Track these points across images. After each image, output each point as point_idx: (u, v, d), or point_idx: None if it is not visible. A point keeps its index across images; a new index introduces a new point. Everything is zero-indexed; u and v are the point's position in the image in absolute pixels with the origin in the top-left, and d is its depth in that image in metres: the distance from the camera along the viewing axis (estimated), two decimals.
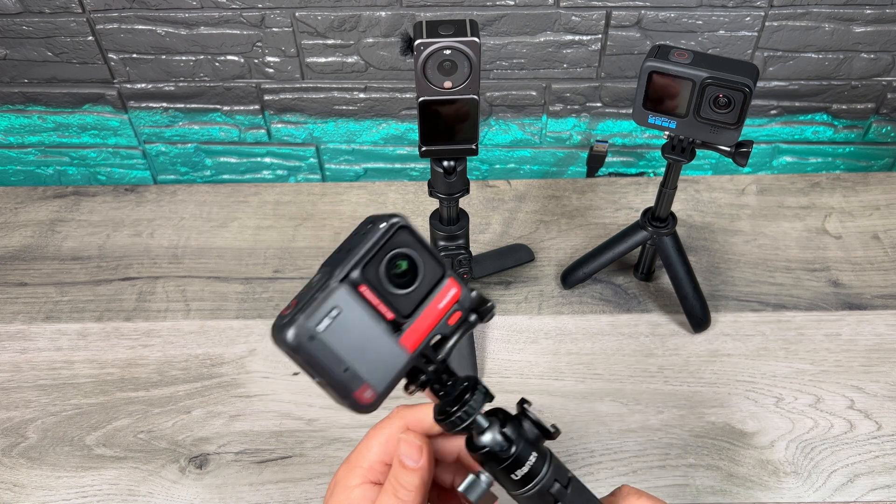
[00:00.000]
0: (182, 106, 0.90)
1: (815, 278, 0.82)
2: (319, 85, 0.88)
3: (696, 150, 0.67)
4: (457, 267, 0.71)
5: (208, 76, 0.87)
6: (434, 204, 0.71)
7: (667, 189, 0.71)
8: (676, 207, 0.86)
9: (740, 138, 0.63)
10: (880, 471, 0.65)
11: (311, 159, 0.96)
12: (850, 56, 0.84)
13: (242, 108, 0.91)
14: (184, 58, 0.86)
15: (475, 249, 0.83)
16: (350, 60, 0.85)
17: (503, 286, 0.82)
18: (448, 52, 0.56)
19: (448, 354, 0.39)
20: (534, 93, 0.88)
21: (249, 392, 0.73)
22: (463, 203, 0.69)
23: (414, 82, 0.58)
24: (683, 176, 0.92)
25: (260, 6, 0.81)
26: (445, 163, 0.64)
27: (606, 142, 0.93)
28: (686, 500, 0.64)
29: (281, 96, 0.89)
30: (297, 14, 0.82)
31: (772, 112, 0.90)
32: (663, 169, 0.88)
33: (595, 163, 0.96)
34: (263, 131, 0.93)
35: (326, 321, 0.35)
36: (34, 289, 0.83)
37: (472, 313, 0.39)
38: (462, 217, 0.70)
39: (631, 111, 0.80)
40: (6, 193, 0.96)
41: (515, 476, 0.40)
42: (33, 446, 0.69)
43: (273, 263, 0.85)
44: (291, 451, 0.68)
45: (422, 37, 0.56)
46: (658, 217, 0.74)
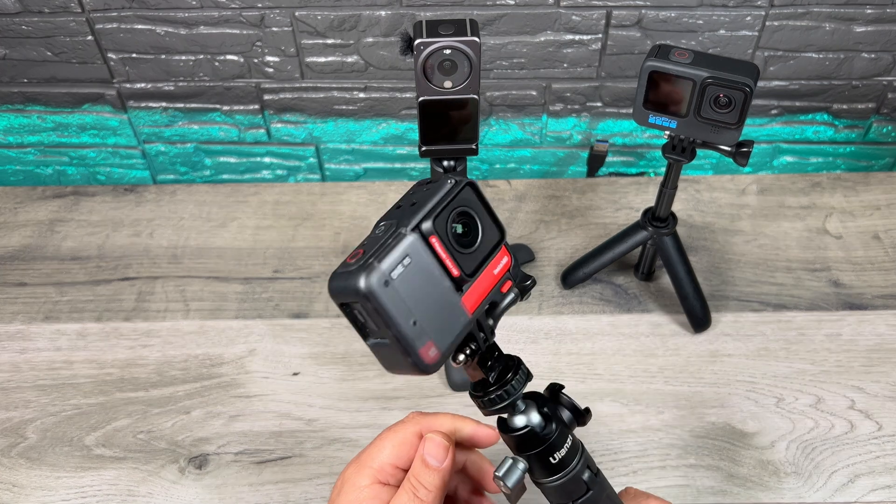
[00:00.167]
0: (181, 106, 0.90)
1: (816, 278, 0.82)
2: (319, 85, 0.88)
3: (697, 150, 0.67)
4: None
5: (208, 76, 0.87)
6: None
7: (667, 189, 0.71)
8: (677, 207, 0.86)
9: (741, 138, 0.63)
10: (881, 471, 0.65)
11: (311, 159, 0.96)
12: (851, 56, 0.84)
13: (242, 108, 0.91)
14: (183, 57, 0.85)
15: None
16: (350, 60, 0.85)
17: None
18: (448, 52, 0.56)
19: (495, 324, 0.38)
20: (534, 92, 0.88)
21: (249, 392, 0.73)
22: None
23: (414, 82, 0.58)
24: (684, 176, 0.92)
25: (259, 6, 0.81)
26: (445, 163, 0.64)
27: (607, 141, 0.93)
28: (687, 501, 0.64)
29: (280, 96, 0.89)
30: (297, 13, 0.81)
31: (772, 112, 0.90)
32: (664, 169, 0.88)
33: (595, 162, 0.96)
34: (263, 131, 0.93)
35: (399, 268, 0.33)
36: (33, 289, 0.83)
37: (515, 287, 0.39)
38: None
39: (631, 111, 0.80)
40: (5, 193, 0.96)
41: (553, 459, 0.39)
42: (33, 446, 0.69)
43: (273, 263, 0.85)
44: (291, 452, 0.68)
45: (422, 36, 0.56)
46: (658, 217, 0.74)
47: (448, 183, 0.36)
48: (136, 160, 0.96)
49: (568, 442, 0.40)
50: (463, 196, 0.36)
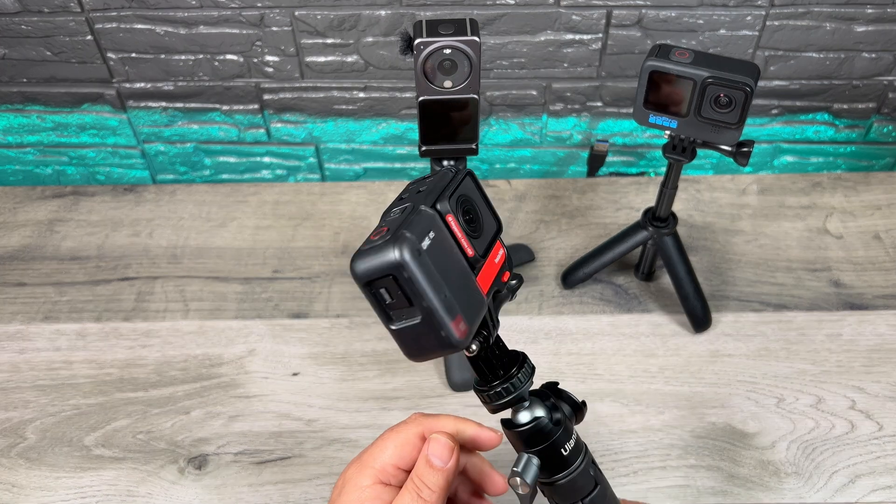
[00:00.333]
0: (181, 105, 0.90)
1: (817, 278, 0.81)
2: (319, 84, 0.88)
3: (697, 150, 0.67)
4: None
5: (207, 75, 0.87)
6: None
7: (667, 189, 0.71)
8: (677, 207, 0.85)
9: (741, 138, 0.63)
10: (881, 471, 0.65)
11: (311, 159, 0.96)
12: (852, 55, 0.84)
13: (242, 108, 0.90)
14: (183, 57, 0.85)
15: None
16: (350, 60, 0.85)
17: None
18: (448, 52, 0.56)
19: (496, 314, 0.38)
20: (534, 92, 0.88)
21: (248, 392, 0.73)
22: None
23: (414, 82, 0.58)
24: (684, 176, 0.92)
25: (259, 5, 0.81)
26: (445, 162, 0.64)
27: (607, 141, 0.93)
28: (687, 501, 0.64)
29: (280, 96, 0.89)
30: (297, 13, 0.81)
31: (773, 112, 0.90)
32: (664, 168, 0.88)
33: (596, 162, 0.96)
34: (263, 131, 0.93)
35: (427, 241, 0.33)
36: (33, 289, 0.83)
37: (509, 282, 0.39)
38: None
39: (631, 111, 0.80)
40: (5, 193, 0.95)
41: (564, 451, 0.38)
42: (32, 447, 0.69)
43: (272, 263, 0.85)
44: (291, 452, 0.68)
45: (422, 36, 0.56)
46: (659, 217, 0.74)
47: (450, 172, 0.37)
48: (136, 160, 0.96)
49: (574, 436, 0.40)
50: (465, 184, 0.37)
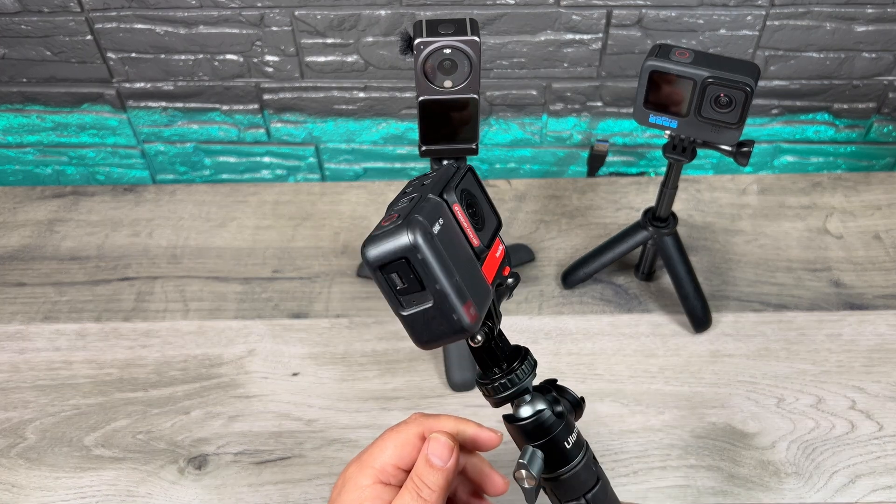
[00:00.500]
0: (181, 105, 0.90)
1: (817, 278, 0.81)
2: (319, 84, 0.88)
3: (697, 150, 0.67)
4: None
5: (207, 75, 0.87)
6: None
7: (668, 189, 0.71)
8: (677, 207, 0.85)
9: (741, 138, 0.63)
10: (882, 471, 0.65)
11: (311, 159, 0.96)
12: (852, 55, 0.84)
13: (241, 108, 0.90)
14: (183, 57, 0.85)
15: None
16: (350, 59, 0.85)
17: None
18: (448, 52, 0.56)
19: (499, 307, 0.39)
20: (534, 92, 0.88)
21: (248, 393, 0.72)
22: None
23: (414, 81, 0.58)
24: (684, 175, 0.92)
25: (259, 5, 0.81)
26: (445, 162, 0.64)
27: (607, 141, 0.93)
28: (687, 501, 0.64)
29: (280, 95, 0.89)
30: (297, 13, 0.81)
31: (773, 111, 0.90)
32: (664, 168, 0.88)
33: (596, 162, 0.96)
34: (262, 131, 0.93)
35: (437, 227, 0.34)
36: (32, 289, 0.83)
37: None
38: None
39: (632, 110, 0.80)
40: (4, 193, 0.95)
41: (567, 444, 0.39)
42: (32, 447, 0.69)
43: (272, 263, 0.85)
44: (291, 452, 0.68)
45: (422, 36, 0.56)
46: (659, 217, 0.74)
47: (453, 167, 0.37)
48: (136, 160, 0.96)
49: (575, 431, 0.40)
50: (467, 179, 0.38)
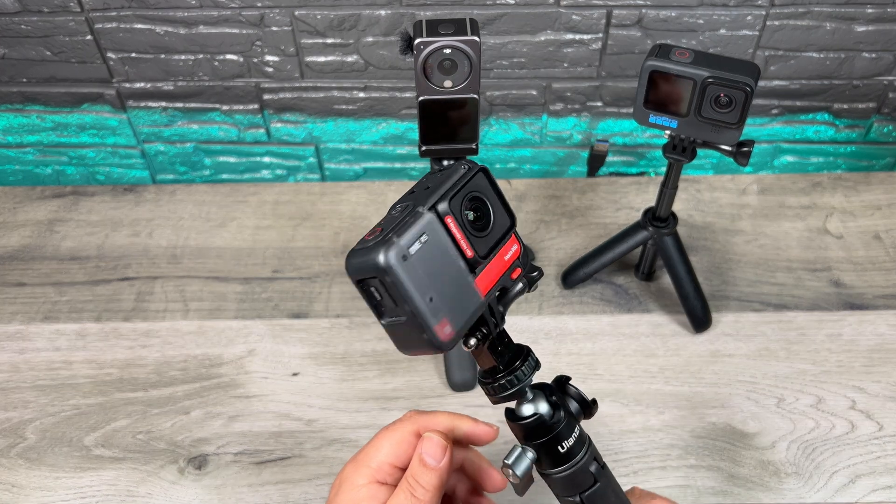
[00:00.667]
0: (181, 105, 0.90)
1: (817, 278, 0.81)
2: (319, 84, 0.88)
3: (697, 150, 0.67)
4: None
5: (207, 75, 0.87)
6: None
7: (668, 189, 0.71)
8: (677, 207, 0.85)
9: (741, 138, 0.63)
10: (882, 471, 0.65)
11: (311, 159, 0.96)
12: (852, 55, 0.84)
13: (241, 108, 0.90)
14: (183, 57, 0.85)
15: None
16: (350, 59, 0.85)
17: None
18: (448, 52, 0.56)
19: (505, 310, 0.39)
20: (534, 92, 0.88)
21: (248, 393, 0.72)
22: None
23: (414, 81, 0.58)
24: (684, 175, 0.92)
25: (259, 5, 0.81)
26: (445, 162, 0.64)
27: (607, 141, 0.93)
28: (687, 502, 0.64)
29: (280, 95, 0.89)
30: (297, 13, 0.81)
31: (773, 111, 0.90)
32: (664, 168, 0.88)
33: (596, 162, 0.96)
34: (262, 131, 0.93)
35: (417, 245, 0.34)
36: (32, 289, 0.83)
37: (524, 277, 0.40)
38: None
39: (632, 110, 0.80)
40: (4, 193, 0.95)
41: (561, 448, 0.39)
42: (32, 447, 0.69)
43: (272, 263, 0.85)
44: (291, 452, 0.68)
45: (422, 36, 0.56)
46: (659, 217, 0.73)
47: (462, 168, 0.37)
48: (136, 160, 0.96)
49: (575, 432, 0.40)
50: (476, 181, 0.37)
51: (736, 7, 0.80)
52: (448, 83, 0.58)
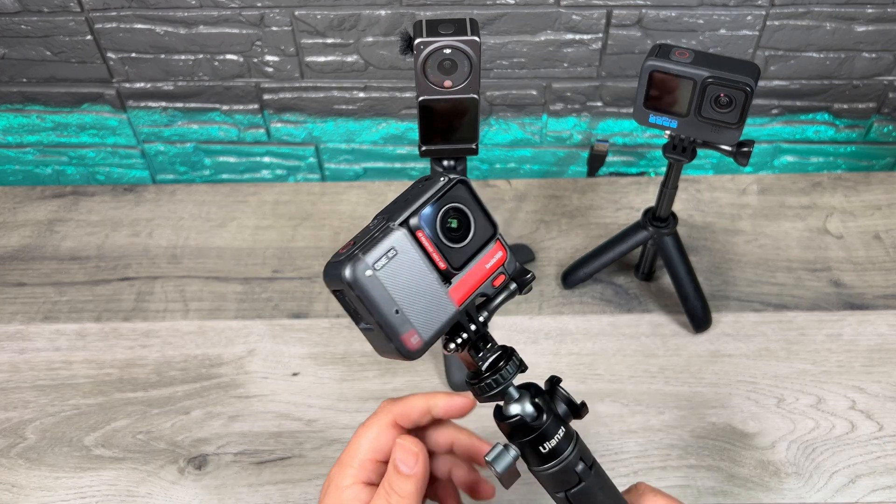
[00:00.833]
0: (181, 105, 0.90)
1: (817, 278, 0.81)
2: (319, 84, 0.88)
3: (697, 150, 0.67)
4: None
5: (207, 75, 0.87)
6: None
7: (668, 189, 0.71)
8: (677, 207, 0.85)
9: (741, 138, 0.63)
10: (882, 471, 0.65)
11: (311, 159, 0.96)
12: (852, 55, 0.84)
13: (241, 108, 0.90)
14: (183, 57, 0.85)
15: None
16: (350, 59, 0.85)
17: None
18: (448, 52, 0.56)
19: (489, 317, 0.40)
20: (534, 92, 0.88)
21: (248, 393, 0.72)
22: None
23: (414, 81, 0.58)
24: (684, 175, 0.92)
25: (259, 5, 0.81)
26: (445, 162, 0.64)
27: (607, 141, 0.93)
28: (687, 502, 0.64)
29: (280, 95, 0.89)
30: (297, 13, 0.81)
31: (773, 111, 0.90)
32: (664, 168, 0.88)
33: (596, 162, 0.96)
34: (262, 131, 0.93)
35: (384, 260, 0.36)
36: (32, 289, 0.83)
37: (513, 282, 0.41)
38: None
39: (632, 110, 0.80)
40: (4, 193, 0.95)
41: (543, 449, 0.40)
42: (32, 447, 0.69)
43: (272, 263, 0.85)
44: (291, 452, 0.68)
45: (422, 36, 0.56)
46: (659, 217, 0.73)
47: (441, 180, 0.38)
48: (136, 160, 0.96)
49: (559, 433, 0.41)
50: (454, 193, 0.38)
51: (736, 7, 0.80)
52: (448, 83, 0.58)
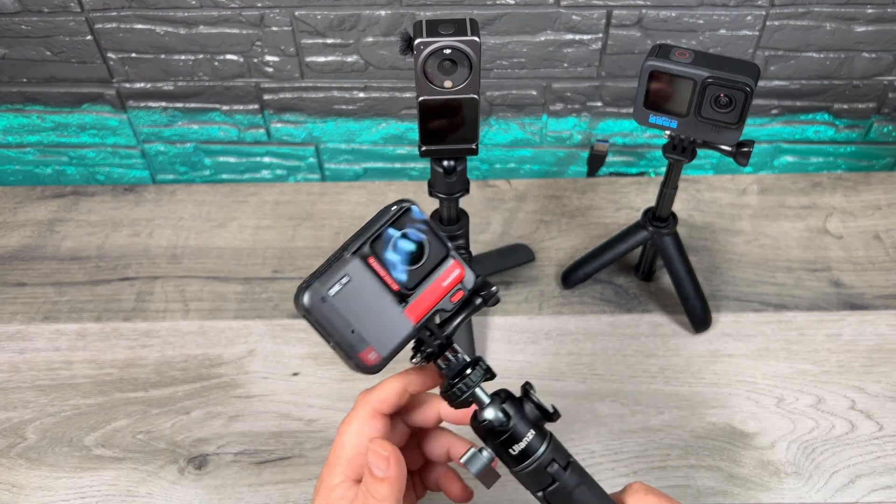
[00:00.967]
0: (181, 105, 0.90)
1: (817, 278, 0.81)
2: (319, 84, 0.88)
3: (697, 150, 0.67)
4: None
5: (207, 75, 0.87)
6: (434, 204, 0.70)
7: (667, 189, 0.71)
8: (677, 207, 0.85)
9: (741, 138, 0.63)
10: (881, 471, 0.65)
11: (311, 159, 0.96)
12: (852, 55, 0.84)
13: (242, 108, 0.90)
14: (183, 57, 0.85)
15: (475, 249, 0.82)
16: (350, 60, 0.85)
17: (503, 286, 0.82)
18: (448, 52, 0.56)
19: (454, 331, 0.43)
20: (534, 92, 0.88)
21: (249, 392, 0.73)
22: (463, 203, 0.69)
23: (414, 82, 0.58)
24: (684, 176, 0.92)
25: (259, 5, 0.81)
26: (445, 162, 0.64)
27: (607, 141, 0.93)
28: (687, 502, 0.64)
29: (280, 96, 0.89)
30: (297, 13, 0.81)
31: (773, 111, 0.90)
32: (664, 168, 0.88)
33: (596, 162, 0.96)
34: (263, 131, 0.93)
35: (337, 287, 0.39)
36: (33, 289, 0.83)
37: (477, 296, 0.43)
38: (462, 217, 0.69)
39: (632, 110, 0.80)
40: (5, 193, 0.95)
41: (513, 451, 0.43)
42: (32, 447, 0.69)
43: (272, 263, 0.85)
44: (291, 452, 0.68)
45: (422, 36, 0.56)
46: (659, 217, 0.74)
47: (392, 208, 0.41)
48: (136, 160, 0.96)
49: (529, 436, 0.43)
50: (405, 219, 0.41)
51: (736, 7, 0.80)
52: (448, 83, 0.58)
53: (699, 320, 0.75)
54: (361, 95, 0.89)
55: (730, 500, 0.64)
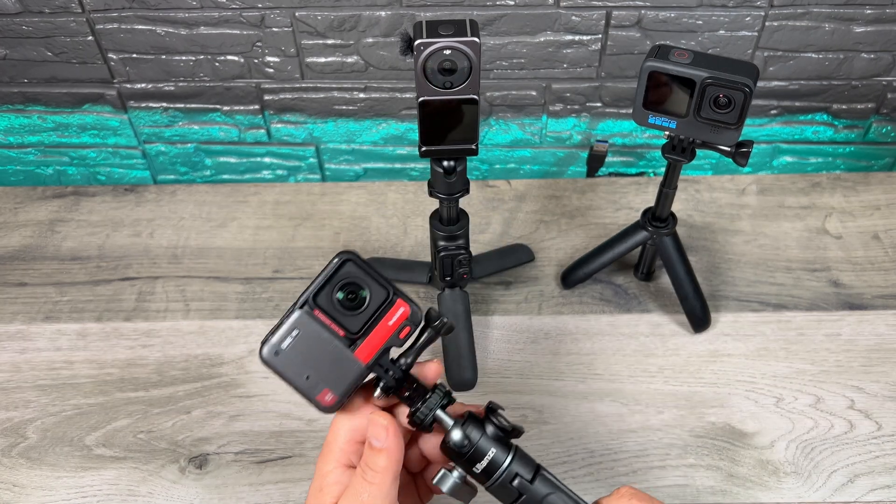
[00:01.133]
0: (182, 106, 0.90)
1: (816, 278, 0.82)
2: (319, 85, 0.88)
3: (697, 150, 0.67)
4: (457, 267, 0.71)
5: (208, 76, 0.87)
6: (434, 204, 0.71)
7: (667, 189, 0.71)
8: (676, 207, 0.86)
9: (740, 138, 0.63)
10: (880, 471, 0.65)
11: (311, 159, 0.96)
12: (851, 56, 0.84)
13: (242, 108, 0.91)
14: (183, 58, 0.86)
15: (475, 249, 0.83)
16: (350, 60, 0.85)
17: (503, 286, 0.82)
18: (448, 52, 0.56)
19: (412, 362, 0.46)
20: (534, 93, 0.88)
21: (249, 392, 0.73)
22: (463, 203, 0.69)
23: (414, 82, 0.58)
24: (683, 176, 0.92)
25: (260, 6, 0.81)
26: (445, 163, 0.64)
27: (606, 142, 0.93)
28: (686, 501, 0.64)
29: (281, 96, 0.89)
30: (297, 14, 0.82)
31: (772, 112, 0.90)
32: (663, 169, 0.88)
33: (595, 163, 0.96)
34: (263, 131, 0.93)
35: (289, 339, 0.43)
36: (33, 289, 0.83)
37: (428, 328, 0.46)
38: (462, 217, 0.70)
39: (631, 111, 0.80)
40: (6, 193, 0.96)
41: (476, 469, 0.45)
42: (33, 446, 0.69)
43: (272, 263, 0.85)
44: (291, 452, 0.68)
45: (422, 37, 0.56)
46: (658, 217, 0.74)
47: (333, 263, 0.44)
48: (137, 160, 0.96)
49: (489, 454, 0.45)
50: (344, 270, 0.44)
51: (735, 8, 0.80)
52: (448, 84, 0.58)
53: (698, 320, 0.76)
54: (362, 96, 0.89)
55: (729, 500, 0.64)
